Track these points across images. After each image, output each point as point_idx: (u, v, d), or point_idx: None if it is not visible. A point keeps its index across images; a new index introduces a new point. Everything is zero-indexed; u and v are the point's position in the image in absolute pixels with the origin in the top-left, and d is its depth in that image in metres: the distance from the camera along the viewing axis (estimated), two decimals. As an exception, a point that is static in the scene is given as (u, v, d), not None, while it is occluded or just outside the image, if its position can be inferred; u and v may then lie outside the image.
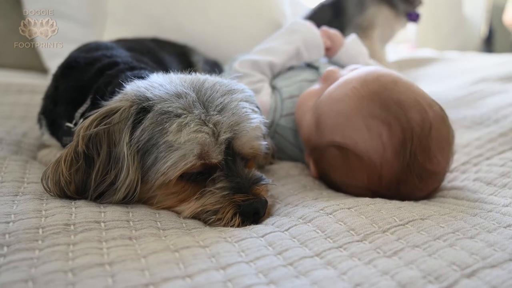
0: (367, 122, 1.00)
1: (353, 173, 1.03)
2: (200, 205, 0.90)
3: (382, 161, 0.99)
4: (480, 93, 1.79)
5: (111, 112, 0.90)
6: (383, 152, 0.99)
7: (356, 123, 1.02)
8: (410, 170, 0.99)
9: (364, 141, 1.00)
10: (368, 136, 1.00)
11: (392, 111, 1.00)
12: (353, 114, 1.03)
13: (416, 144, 0.98)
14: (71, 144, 0.90)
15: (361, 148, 1.01)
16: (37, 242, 0.70)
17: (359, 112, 1.02)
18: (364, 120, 1.01)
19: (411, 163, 0.98)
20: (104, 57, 1.17)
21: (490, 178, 1.07)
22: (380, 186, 1.01)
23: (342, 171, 1.06)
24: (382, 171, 1.00)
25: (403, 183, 1.00)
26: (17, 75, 2.00)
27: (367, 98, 1.02)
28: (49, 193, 0.89)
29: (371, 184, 1.01)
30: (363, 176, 1.01)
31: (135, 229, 0.79)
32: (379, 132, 0.99)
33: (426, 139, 0.99)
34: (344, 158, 1.04)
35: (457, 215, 0.87)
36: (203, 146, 0.87)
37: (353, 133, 1.02)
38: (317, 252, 0.73)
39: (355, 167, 1.02)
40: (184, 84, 0.95)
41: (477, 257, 0.70)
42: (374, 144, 0.99)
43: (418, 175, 1.00)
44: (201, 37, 2.04)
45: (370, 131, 1.00)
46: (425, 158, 0.99)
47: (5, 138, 1.26)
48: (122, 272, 0.64)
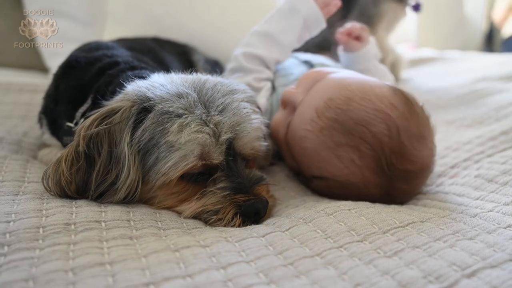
0: (336, 152, 1.00)
1: (345, 196, 1.00)
2: (201, 205, 0.90)
3: (364, 182, 1.00)
4: (481, 92, 1.79)
5: (112, 112, 0.90)
6: (361, 174, 0.99)
7: (326, 156, 1.02)
8: (394, 179, 0.99)
9: (340, 170, 1.01)
10: (341, 165, 1.00)
11: (356, 133, 0.99)
12: (319, 149, 1.02)
13: (390, 154, 0.97)
14: (72, 143, 0.90)
15: (339, 177, 1.01)
16: (37, 241, 0.70)
17: (324, 145, 1.02)
18: (332, 151, 1.01)
19: (392, 174, 0.98)
20: (104, 56, 1.16)
21: (492, 176, 1.06)
22: (374, 200, 0.98)
23: (335, 194, 1.04)
24: (369, 190, 1.00)
25: (393, 191, 1.00)
26: (18, 75, 1.99)
27: (328, 128, 1.02)
28: (50, 193, 0.89)
29: (365, 198, 0.98)
30: (354, 197, 0.98)
31: (136, 229, 0.79)
32: (351, 158, 0.99)
33: (398, 145, 0.98)
34: (329, 187, 1.05)
35: (457, 217, 0.87)
36: (203, 147, 0.87)
37: (327, 166, 1.02)
38: (317, 252, 0.73)
39: (343, 193, 1.01)
40: (185, 84, 0.95)
41: (477, 257, 0.70)
42: (350, 170, 1.00)
43: (403, 179, 1.00)
44: (201, 36, 2.04)
45: (342, 160, 1.00)
46: (403, 162, 0.98)
47: (6, 138, 1.26)
48: (123, 272, 0.64)
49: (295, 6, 1.38)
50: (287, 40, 1.37)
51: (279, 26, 1.37)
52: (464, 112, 1.65)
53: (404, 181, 1.00)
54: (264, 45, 1.36)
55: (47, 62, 2.01)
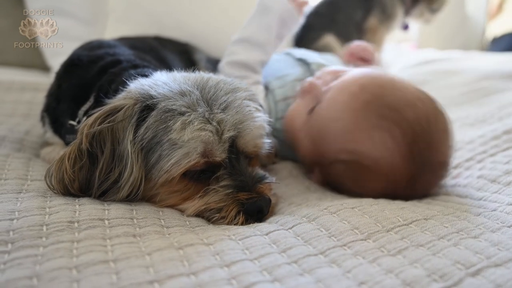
0: (369, 133, 1.00)
1: (366, 183, 1.02)
2: (204, 203, 0.90)
3: (393, 167, 0.99)
4: (484, 91, 1.79)
5: (115, 110, 0.90)
6: (391, 158, 0.99)
7: (359, 137, 1.01)
8: (423, 167, 0.99)
9: (371, 152, 1.00)
10: (373, 147, 1.00)
11: (389, 117, 1.00)
12: (352, 129, 1.02)
13: (420, 141, 0.98)
14: (75, 142, 0.90)
15: (369, 159, 1.00)
16: (41, 239, 0.70)
17: (357, 126, 1.02)
18: (365, 132, 1.01)
19: (421, 161, 0.99)
20: (107, 55, 1.16)
21: (494, 176, 1.06)
22: (396, 189, 1.00)
23: (353, 183, 1.05)
24: (396, 176, 1.00)
25: (418, 181, 1.01)
26: (20, 73, 2.00)
27: (362, 110, 1.02)
28: (53, 191, 0.89)
29: (387, 189, 1.00)
30: (377, 184, 1.00)
31: (139, 227, 0.79)
32: (383, 140, 0.99)
33: (428, 134, 0.99)
34: (353, 172, 1.04)
35: (461, 215, 0.87)
36: (206, 144, 0.87)
37: (357, 148, 1.01)
38: (321, 250, 0.73)
39: (367, 178, 1.02)
40: (188, 82, 0.95)
41: (482, 256, 0.70)
42: (381, 153, 0.99)
43: (430, 169, 1.01)
44: (202, 35, 2.04)
45: (374, 142, 1.00)
46: (432, 151, 1.00)
47: (8, 136, 1.26)
48: (127, 269, 0.64)
49: (267, 5, 1.41)
50: (265, 39, 1.39)
51: (255, 28, 1.40)
52: (467, 111, 1.65)
53: (431, 170, 1.01)
54: (244, 50, 1.38)
55: (49, 61, 2.01)
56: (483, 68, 2.16)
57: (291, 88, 1.33)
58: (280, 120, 1.29)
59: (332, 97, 1.10)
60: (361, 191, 1.02)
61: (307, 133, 1.14)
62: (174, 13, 2.05)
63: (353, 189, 1.05)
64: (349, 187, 1.06)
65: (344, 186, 1.07)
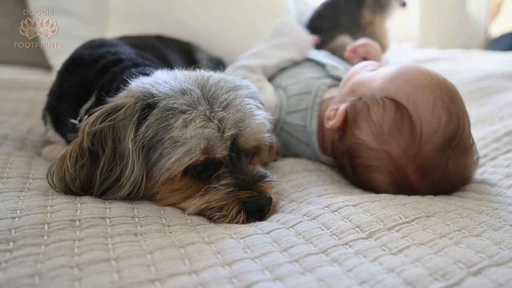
0: (436, 100, 1.02)
1: (396, 135, 1.03)
2: (205, 201, 0.90)
3: (429, 139, 1.01)
4: (485, 90, 1.78)
5: (116, 108, 0.90)
6: (435, 131, 1.01)
7: (427, 95, 1.03)
8: (447, 162, 1.01)
9: (425, 113, 1.02)
10: (431, 110, 1.02)
11: (457, 108, 1.03)
12: (427, 86, 1.04)
13: (461, 146, 1.02)
14: (76, 140, 0.90)
15: (420, 115, 1.02)
16: (43, 237, 0.70)
17: (433, 90, 1.04)
18: (434, 97, 1.03)
19: (450, 157, 1.01)
20: (108, 54, 1.17)
21: (495, 180, 1.06)
22: (412, 163, 1.01)
23: (384, 130, 1.05)
24: (424, 148, 1.01)
25: (433, 171, 1.02)
26: (22, 72, 2.00)
27: (442, 86, 1.05)
28: (55, 189, 0.89)
29: (405, 156, 1.02)
30: (404, 142, 1.02)
31: (140, 225, 0.79)
32: (441, 114, 1.01)
33: (467, 149, 1.04)
34: (396, 116, 1.04)
35: (463, 212, 0.86)
36: (209, 141, 0.87)
37: (419, 101, 1.03)
38: (322, 249, 0.73)
39: (402, 130, 1.03)
40: (188, 81, 0.95)
41: (483, 255, 0.69)
42: (432, 120, 1.01)
43: (449, 171, 1.02)
44: (203, 34, 2.04)
45: (435, 108, 1.02)
46: (461, 162, 1.03)
47: (10, 135, 1.26)
48: (128, 268, 0.64)
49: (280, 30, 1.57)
50: (274, 52, 1.49)
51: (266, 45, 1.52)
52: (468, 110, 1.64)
53: (448, 172, 1.02)
54: (249, 59, 1.47)
55: (51, 60, 2.01)
56: (484, 68, 2.15)
57: (306, 85, 1.35)
58: (291, 114, 1.31)
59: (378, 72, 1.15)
60: (382, 145, 1.04)
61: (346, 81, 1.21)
62: (175, 13, 2.05)
63: (377, 139, 1.05)
64: (375, 134, 1.06)
65: (369, 134, 1.07)
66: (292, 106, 1.32)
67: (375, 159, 1.05)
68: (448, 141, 1.00)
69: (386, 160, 1.04)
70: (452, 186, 1.05)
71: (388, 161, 1.04)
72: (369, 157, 1.06)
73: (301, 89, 1.34)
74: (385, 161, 1.04)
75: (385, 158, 1.04)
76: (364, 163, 1.08)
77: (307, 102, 1.30)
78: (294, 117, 1.30)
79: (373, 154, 1.06)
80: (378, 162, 1.05)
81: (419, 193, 1.00)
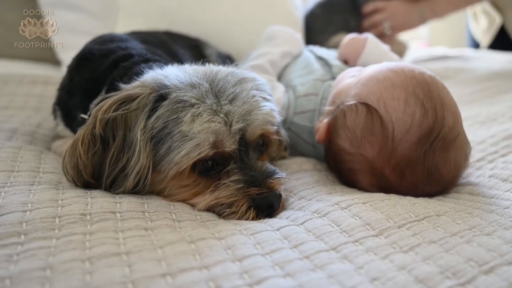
0: (408, 97, 1.01)
1: (369, 138, 1.02)
2: (215, 198, 0.90)
3: (402, 137, 0.99)
4: (495, 89, 1.77)
5: (130, 98, 0.90)
6: (408, 129, 0.99)
7: (398, 93, 1.02)
8: (424, 160, 0.98)
9: (397, 112, 1.00)
10: (403, 108, 1.00)
11: (433, 103, 1.00)
12: (399, 85, 1.03)
13: (440, 141, 0.98)
14: (87, 125, 0.90)
15: (390, 115, 1.01)
16: (54, 231, 0.71)
17: (405, 87, 1.02)
18: (406, 94, 1.01)
19: (427, 154, 0.98)
20: (118, 49, 1.17)
21: (506, 175, 1.05)
22: (387, 164, 1.00)
23: (357, 134, 1.04)
24: (398, 148, 0.99)
25: (411, 170, 0.99)
26: (30, 67, 2.01)
27: (416, 82, 1.03)
28: (67, 178, 0.90)
29: (380, 157, 1.00)
30: (376, 144, 1.00)
31: (151, 220, 0.79)
32: (414, 111, 0.99)
33: (450, 143, 0.99)
34: (367, 119, 1.03)
35: (473, 212, 0.86)
36: (217, 135, 0.88)
37: (389, 100, 1.02)
38: (333, 246, 0.73)
39: (374, 132, 1.02)
40: (197, 75, 0.95)
41: (495, 253, 0.69)
42: (404, 118, 0.99)
43: (428, 169, 0.99)
44: (213, 30, 2.04)
45: (407, 106, 1.00)
46: (441, 158, 0.99)
47: (20, 129, 1.27)
48: (139, 262, 0.64)
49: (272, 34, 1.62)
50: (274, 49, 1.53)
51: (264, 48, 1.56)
52: (478, 109, 1.63)
53: (427, 170, 0.99)
54: (254, 60, 1.49)
55: (60, 55, 2.02)
56: (494, 66, 2.14)
57: (313, 86, 1.34)
58: (299, 115, 1.31)
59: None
60: (356, 149, 1.04)
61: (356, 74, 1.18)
62: (184, 8, 2.05)
63: (352, 144, 1.05)
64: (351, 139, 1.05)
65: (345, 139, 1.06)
66: (300, 106, 1.31)
67: (354, 162, 1.05)
68: (423, 138, 0.98)
69: (363, 163, 1.03)
70: (441, 184, 1.03)
71: (365, 164, 1.03)
72: (349, 162, 1.06)
73: (309, 90, 1.34)
74: (363, 164, 1.04)
75: (362, 161, 1.03)
76: (346, 167, 1.08)
77: (314, 103, 1.30)
78: (301, 118, 1.30)
79: (352, 158, 1.06)
80: (358, 165, 1.05)
81: (402, 194, 0.97)
